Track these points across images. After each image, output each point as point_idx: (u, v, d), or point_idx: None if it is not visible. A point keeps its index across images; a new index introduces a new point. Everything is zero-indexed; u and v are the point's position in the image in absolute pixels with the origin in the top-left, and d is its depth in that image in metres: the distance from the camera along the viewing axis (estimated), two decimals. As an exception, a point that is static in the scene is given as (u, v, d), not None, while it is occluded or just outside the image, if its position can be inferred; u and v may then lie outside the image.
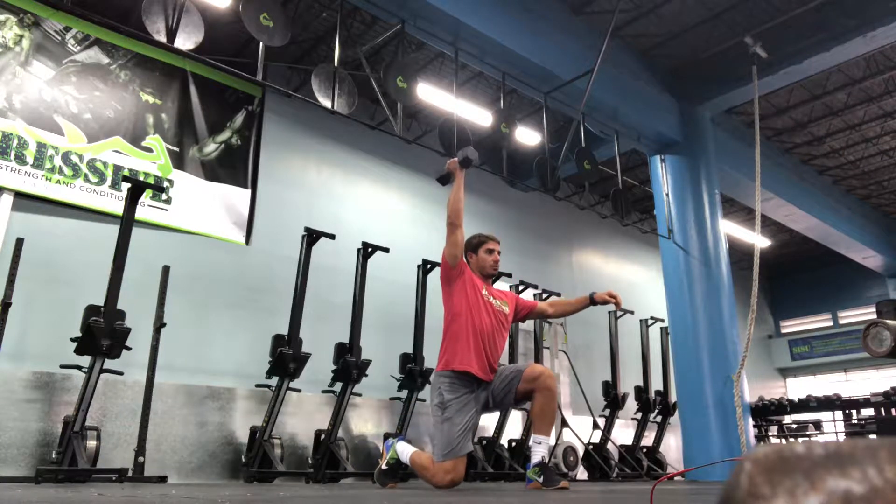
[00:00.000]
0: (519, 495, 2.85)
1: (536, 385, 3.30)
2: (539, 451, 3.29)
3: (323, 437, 5.55)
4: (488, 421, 6.87)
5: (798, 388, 15.28)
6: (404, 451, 3.51)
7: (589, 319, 9.98)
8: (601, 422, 7.48)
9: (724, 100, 8.40)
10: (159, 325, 5.14)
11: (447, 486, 3.21)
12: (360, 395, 5.81)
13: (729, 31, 7.76)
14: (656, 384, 8.33)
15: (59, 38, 6.57)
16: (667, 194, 8.35)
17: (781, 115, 9.68)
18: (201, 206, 7.15)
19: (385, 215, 8.55)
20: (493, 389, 3.41)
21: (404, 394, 6.07)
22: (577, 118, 7.15)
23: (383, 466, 3.59)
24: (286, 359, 5.26)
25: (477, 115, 7.95)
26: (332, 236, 5.80)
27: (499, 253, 3.64)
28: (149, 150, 6.94)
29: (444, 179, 3.63)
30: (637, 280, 11.96)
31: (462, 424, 3.24)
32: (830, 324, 15.71)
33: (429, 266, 6.37)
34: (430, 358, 4.57)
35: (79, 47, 6.68)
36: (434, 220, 8.46)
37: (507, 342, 3.63)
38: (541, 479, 3.24)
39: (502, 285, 5.78)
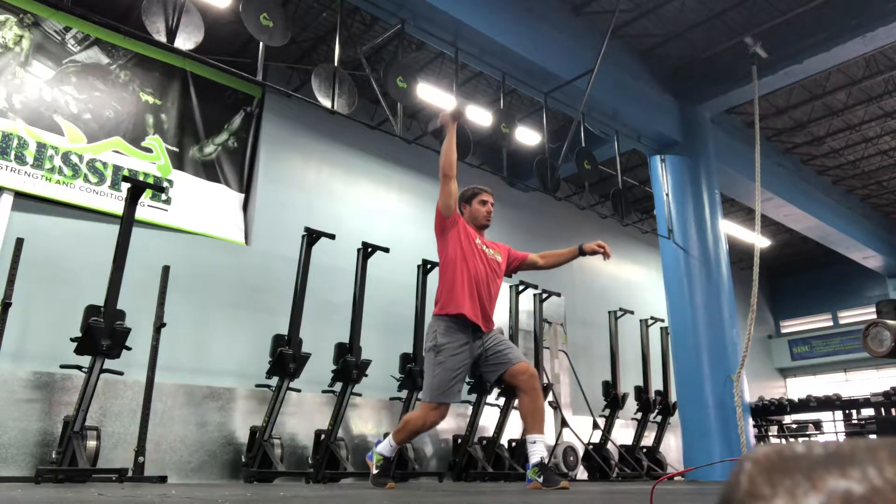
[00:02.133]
0: (519, 495, 2.85)
1: (519, 384, 3.34)
2: (536, 450, 3.29)
3: (323, 437, 5.55)
4: (488, 421, 6.88)
5: (798, 388, 15.28)
6: (385, 445, 3.56)
7: (589, 319, 10.00)
8: (601, 422, 7.49)
9: (724, 100, 8.40)
10: (159, 325, 5.14)
11: (432, 424, 3.34)
12: (360, 395, 5.81)
13: (729, 31, 7.76)
14: (656, 384, 8.33)
15: (59, 38, 6.57)
16: (667, 194, 8.35)
17: (781, 115, 9.68)
18: (201, 206, 7.15)
19: (385, 215, 8.55)
20: (487, 352, 3.43)
21: (404, 394, 6.07)
22: (577, 118, 7.14)
23: (374, 471, 3.60)
24: (286, 359, 5.26)
25: (477, 115, 7.95)
26: (332, 236, 5.80)
27: (492, 204, 3.71)
28: (148, 150, 6.94)
29: (437, 133, 3.71)
30: (637, 280, 11.96)
31: (454, 370, 3.29)
32: (830, 324, 15.72)
33: (429, 266, 6.37)
34: (430, 358, 4.56)
35: (79, 47, 6.68)
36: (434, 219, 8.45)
37: (500, 290, 3.67)
38: (541, 479, 3.24)
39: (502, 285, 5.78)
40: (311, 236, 5.68)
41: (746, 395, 7.49)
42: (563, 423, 7.08)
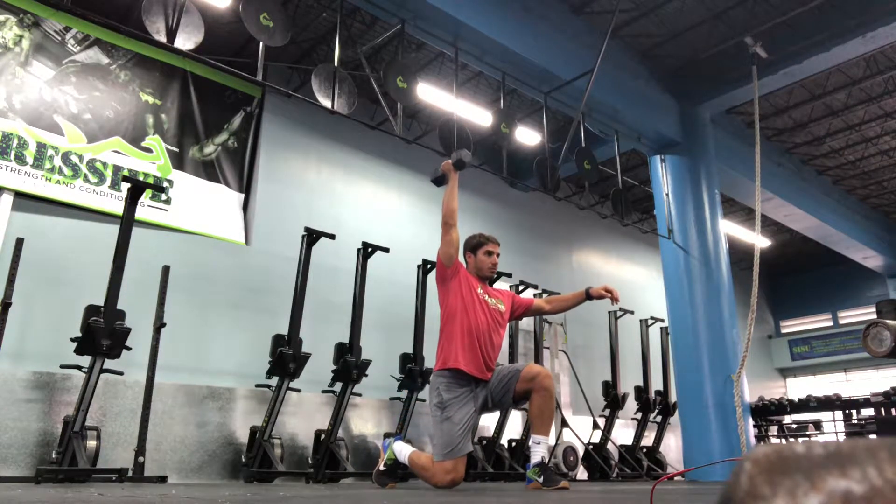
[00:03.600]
0: (519, 495, 2.85)
1: (534, 385, 3.30)
2: (538, 451, 3.29)
3: (323, 437, 5.55)
4: (488, 421, 6.88)
5: (798, 388, 15.28)
6: (402, 451, 3.51)
7: (589, 319, 10.00)
8: (601, 422, 7.49)
9: (724, 100, 8.40)
10: (159, 325, 5.14)
11: (447, 486, 3.21)
12: (360, 395, 5.81)
13: (729, 31, 7.75)
14: (656, 384, 8.33)
15: (59, 38, 6.57)
16: (667, 194, 8.35)
17: (781, 115, 9.68)
18: (201, 206, 7.15)
19: (385, 215, 8.55)
20: (492, 389, 3.41)
21: (404, 394, 6.07)
22: (577, 118, 7.14)
23: (381, 467, 3.59)
24: (286, 359, 5.26)
25: (477, 115, 7.95)
26: (332, 236, 5.80)
27: (497, 255, 3.63)
28: (148, 150, 6.95)
29: (439, 181, 3.64)
30: (637, 280, 11.96)
31: (461, 424, 3.24)
32: (830, 324, 15.72)
33: (429, 266, 6.37)
34: (430, 358, 4.57)
35: (79, 47, 6.68)
36: (434, 220, 8.44)
37: (504, 341, 3.62)
38: (541, 479, 3.24)
39: (502, 285, 5.78)
40: (311, 236, 5.68)
41: (746, 395, 7.49)
42: (563, 423, 7.08)
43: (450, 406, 3.27)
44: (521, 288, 7.23)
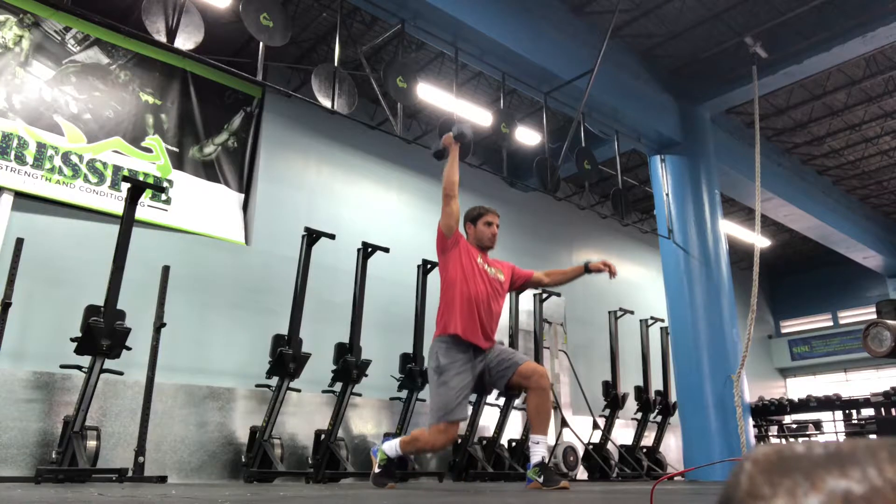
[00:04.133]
0: (519, 495, 2.85)
1: (530, 384, 3.33)
2: (538, 450, 3.30)
3: (323, 437, 5.55)
4: (488, 421, 6.88)
5: (798, 388, 15.28)
6: (391, 446, 3.55)
7: (589, 319, 10.01)
8: (601, 422, 7.48)
9: (724, 100, 8.40)
10: (159, 325, 5.14)
11: (441, 447, 3.31)
12: (360, 395, 5.81)
13: (729, 31, 7.76)
14: (656, 384, 8.33)
15: (59, 38, 6.57)
16: (667, 194, 8.35)
17: (781, 115, 9.68)
18: (201, 206, 7.15)
19: (385, 215, 8.55)
20: (490, 367, 3.43)
21: (404, 394, 6.07)
22: (577, 118, 7.14)
23: (376, 470, 3.59)
24: (286, 359, 5.26)
25: (477, 115, 7.95)
26: (332, 236, 5.80)
27: (497, 226, 3.69)
28: (148, 150, 6.95)
29: (440, 154, 3.69)
30: (637, 280, 11.96)
31: (458, 389, 3.29)
32: (830, 324, 15.72)
33: (429, 266, 6.37)
34: (430, 358, 4.56)
35: (79, 47, 6.68)
36: (434, 220, 8.43)
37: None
38: (541, 479, 3.24)
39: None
40: (311, 236, 5.68)
41: (746, 395, 7.49)
42: (563, 423, 7.07)
43: (447, 371, 3.31)
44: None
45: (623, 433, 8.30)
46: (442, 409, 3.26)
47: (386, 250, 6.11)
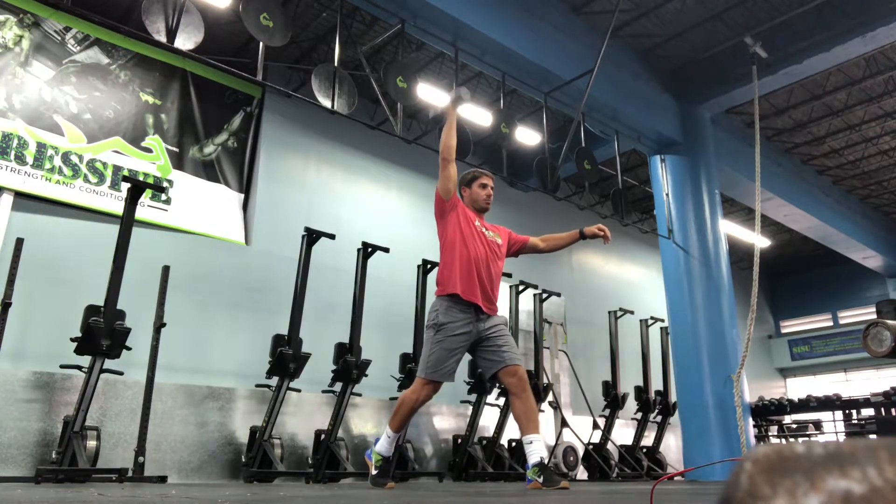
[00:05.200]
0: (519, 495, 2.85)
1: (508, 387, 3.37)
2: (535, 450, 3.28)
3: (323, 437, 5.55)
4: (488, 421, 6.88)
5: (798, 388, 15.28)
6: (382, 443, 3.57)
7: (589, 319, 10.00)
8: (601, 422, 7.48)
9: (724, 100, 8.40)
10: (159, 325, 5.14)
11: (425, 398, 3.36)
12: (360, 395, 5.81)
13: (729, 31, 7.76)
14: (656, 384, 8.33)
15: (59, 38, 6.57)
16: (667, 194, 8.35)
17: (781, 115, 9.68)
18: (201, 206, 7.15)
19: (385, 215, 8.55)
20: (487, 339, 3.42)
21: (404, 394, 6.06)
22: (577, 118, 7.14)
23: (373, 472, 3.59)
24: (286, 359, 5.26)
25: (477, 115, 7.95)
26: (332, 236, 5.80)
27: (492, 188, 3.73)
28: (148, 150, 6.95)
29: (440, 119, 3.73)
30: (637, 280, 11.96)
31: (452, 350, 3.31)
32: (830, 324, 15.72)
33: (429, 266, 6.37)
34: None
35: (79, 47, 6.68)
36: (434, 219, 8.45)
37: (502, 273, 3.67)
38: (541, 479, 3.24)
39: (503, 284, 5.78)
40: (311, 236, 5.68)
41: (746, 395, 7.49)
42: (563, 423, 7.08)
43: (444, 329, 3.33)
44: (521, 288, 7.23)
45: (623, 433, 8.30)
46: (432, 367, 3.30)
47: (386, 250, 6.11)
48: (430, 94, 7.46)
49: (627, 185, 9.10)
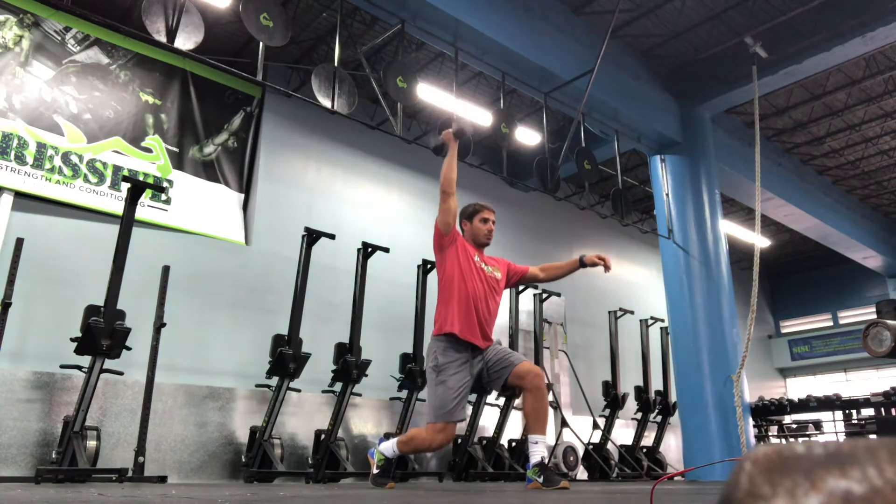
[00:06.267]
0: (519, 495, 2.85)
1: (525, 384, 3.33)
2: (537, 450, 3.29)
3: (323, 437, 5.55)
4: (488, 421, 6.88)
5: (798, 388, 15.28)
6: (387, 446, 3.55)
7: (589, 319, 10.01)
8: (601, 422, 7.48)
9: (724, 100, 8.39)
10: (159, 325, 5.14)
11: (439, 446, 3.30)
12: (360, 395, 5.81)
13: (729, 31, 7.76)
14: (656, 384, 8.33)
15: (59, 38, 6.57)
16: (667, 194, 8.35)
17: (781, 115, 9.68)
18: (201, 206, 7.15)
19: (385, 215, 8.55)
20: (488, 366, 3.42)
21: (404, 394, 6.07)
22: (577, 118, 7.14)
23: (375, 471, 3.59)
24: (286, 359, 5.26)
25: (477, 115, 7.95)
26: (332, 236, 5.80)
27: (493, 223, 3.68)
28: (148, 150, 6.94)
29: (439, 150, 3.72)
30: (637, 280, 11.96)
31: (456, 389, 3.28)
32: (830, 324, 15.72)
33: (429, 266, 6.37)
34: (430, 358, 4.57)
35: (79, 47, 6.68)
36: (434, 220, 8.44)
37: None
38: (541, 479, 3.24)
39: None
40: (311, 236, 5.68)
41: (746, 395, 7.49)
42: (563, 423, 7.08)
43: (445, 370, 3.30)
44: (521, 288, 7.23)
45: (623, 433, 8.30)
46: (440, 409, 3.25)
47: (386, 250, 6.11)
48: (430, 93, 7.46)
49: (627, 185, 9.10)
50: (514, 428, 7.04)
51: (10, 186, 5.89)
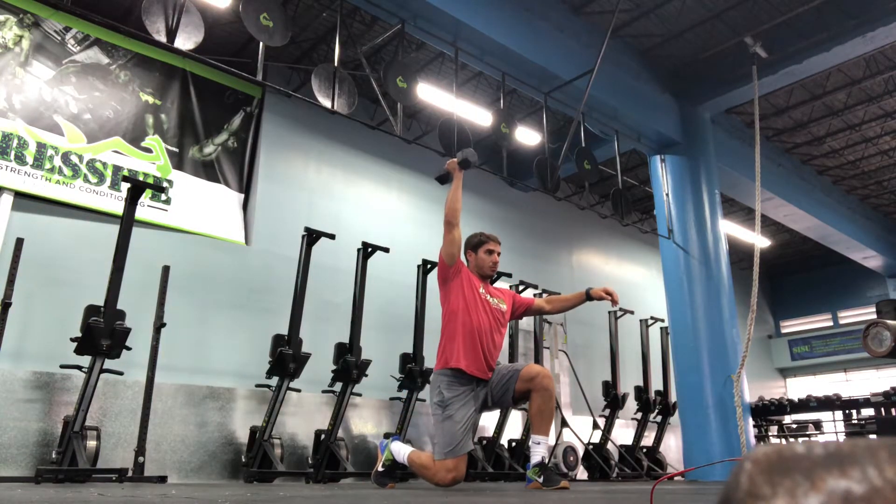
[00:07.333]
0: (519, 495, 2.85)
1: (533, 385, 3.30)
2: (538, 451, 3.29)
3: (323, 437, 5.55)
4: (488, 421, 6.88)
5: (798, 388, 15.28)
6: (400, 450, 3.51)
7: (589, 319, 10.00)
8: (601, 422, 7.48)
9: (724, 100, 8.40)
10: (159, 325, 5.14)
11: (449, 485, 3.22)
12: (360, 395, 5.81)
13: (729, 31, 7.76)
14: (656, 384, 8.33)
15: (59, 38, 6.57)
16: (667, 194, 8.35)
17: (781, 115, 9.68)
18: (201, 206, 7.15)
19: (385, 215, 8.55)
20: (492, 388, 3.41)
21: (404, 394, 6.07)
22: (577, 118, 7.14)
23: (379, 468, 3.59)
24: (286, 359, 5.26)
25: (477, 115, 7.95)
26: (332, 236, 5.80)
27: (498, 254, 3.63)
28: (148, 150, 6.94)
29: (443, 179, 3.65)
30: (637, 280, 11.96)
31: (462, 423, 3.24)
32: (830, 324, 15.71)
33: (429, 266, 6.37)
34: (430, 358, 4.57)
35: (79, 47, 6.68)
36: (434, 220, 8.45)
37: (504, 340, 3.62)
38: (541, 479, 3.24)
39: (502, 284, 5.78)
40: (311, 236, 5.68)
41: (746, 395, 7.49)
42: (563, 423, 7.08)
43: (451, 405, 3.27)
44: (521, 288, 7.23)
45: (623, 433, 8.30)
46: (449, 445, 3.20)
47: (386, 250, 6.11)
48: (430, 93, 7.46)
49: (627, 185, 9.10)
50: (514, 428, 7.04)
51: (10, 186, 5.89)
